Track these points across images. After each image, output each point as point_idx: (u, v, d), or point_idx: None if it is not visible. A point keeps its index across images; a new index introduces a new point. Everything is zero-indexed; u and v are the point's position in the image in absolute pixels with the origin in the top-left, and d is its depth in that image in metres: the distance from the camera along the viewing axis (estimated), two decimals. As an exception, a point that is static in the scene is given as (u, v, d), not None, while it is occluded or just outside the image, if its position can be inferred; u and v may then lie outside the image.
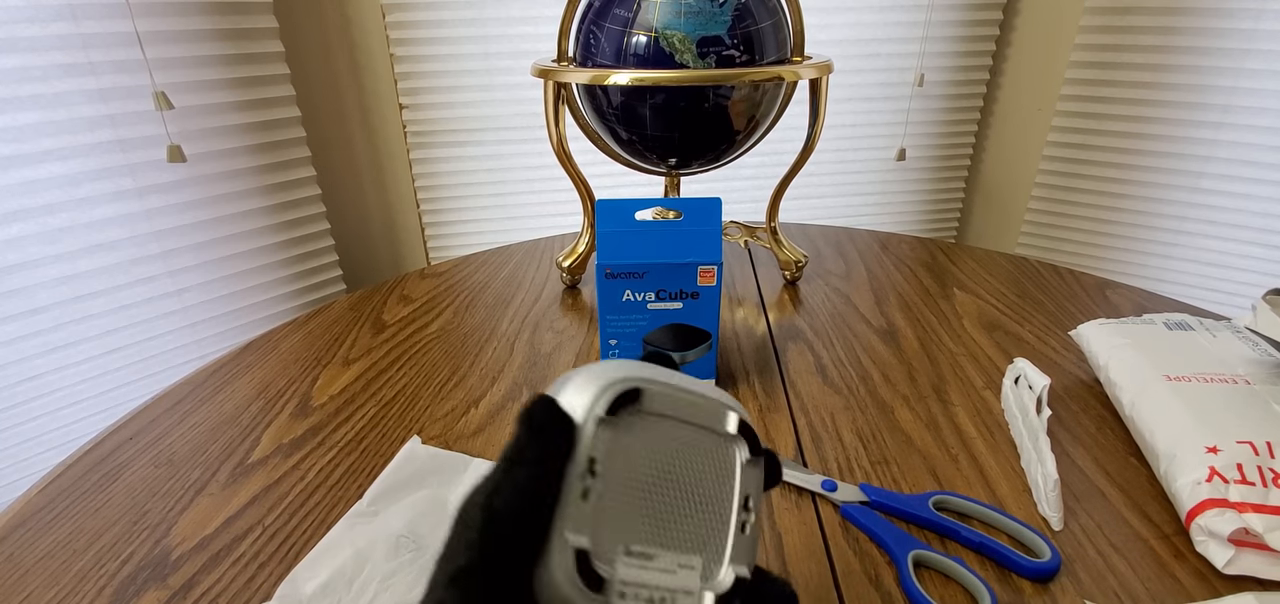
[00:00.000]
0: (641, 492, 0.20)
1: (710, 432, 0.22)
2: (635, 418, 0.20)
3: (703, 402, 0.22)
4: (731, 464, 0.23)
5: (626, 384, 0.20)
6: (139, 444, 0.46)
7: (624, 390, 0.20)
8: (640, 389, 0.21)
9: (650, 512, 0.20)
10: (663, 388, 0.21)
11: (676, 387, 0.22)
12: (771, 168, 1.19)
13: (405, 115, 1.11)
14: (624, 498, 0.20)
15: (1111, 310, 0.63)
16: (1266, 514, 0.33)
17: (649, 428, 0.21)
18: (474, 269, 0.74)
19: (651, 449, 0.21)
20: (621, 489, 0.20)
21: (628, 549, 0.19)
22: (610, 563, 0.19)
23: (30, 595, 0.35)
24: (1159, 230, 1.14)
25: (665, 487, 0.21)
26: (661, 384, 0.21)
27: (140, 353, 0.93)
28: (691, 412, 0.22)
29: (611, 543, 0.19)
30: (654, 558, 0.20)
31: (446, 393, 0.51)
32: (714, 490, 0.22)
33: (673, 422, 0.21)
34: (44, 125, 0.79)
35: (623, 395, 0.20)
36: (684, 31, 0.53)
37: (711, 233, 0.46)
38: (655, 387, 0.21)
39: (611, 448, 0.20)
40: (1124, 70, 1.09)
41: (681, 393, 0.22)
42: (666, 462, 0.21)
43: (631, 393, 0.20)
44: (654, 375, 0.21)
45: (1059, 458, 0.43)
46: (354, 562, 0.35)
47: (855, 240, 0.82)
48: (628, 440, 0.20)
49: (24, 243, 0.81)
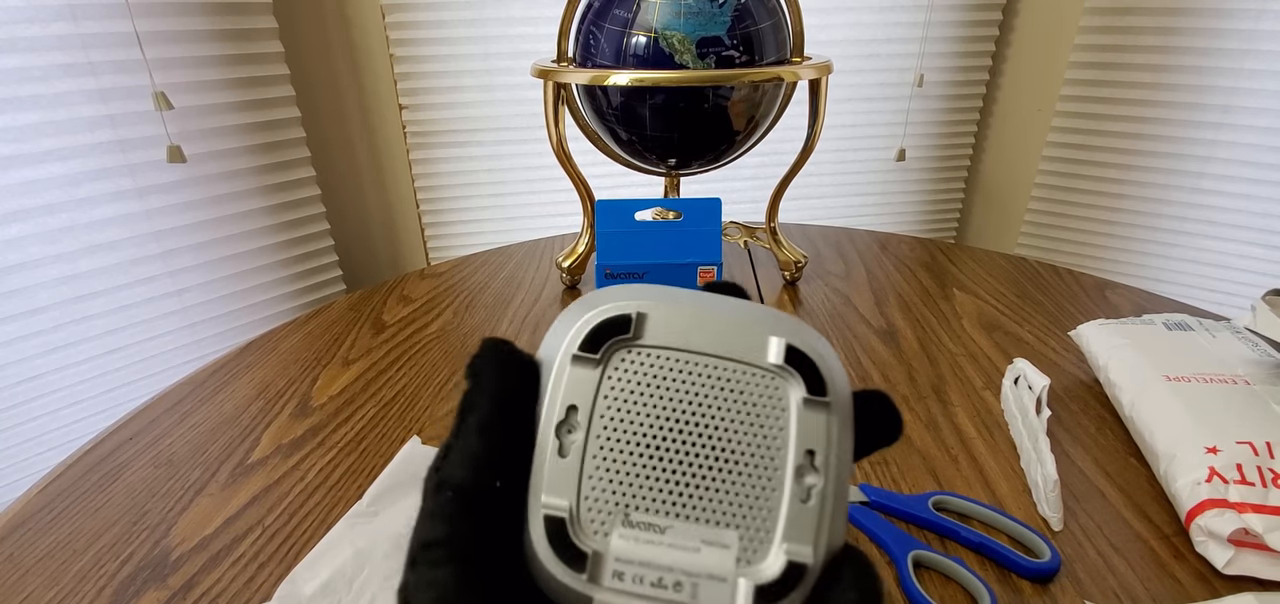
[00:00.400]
0: (647, 447, 0.16)
1: (744, 365, 0.17)
2: (631, 352, 0.17)
3: (729, 324, 0.17)
4: (782, 407, 0.17)
5: (613, 311, 0.17)
6: (139, 444, 0.46)
7: (606, 319, 0.17)
8: (631, 315, 0.17)
9: (660, 472, 0.16)
10: (670, 310, 0.17)
11: (691, 308, 0.17)
12: (771, 168, 1.19)
13: (405, 115, 1.11)
14: (622, 454, 0.16)
15: (1111, 311, 0.63)
16: (1266, 514, 0.33)
17: (652, 364, 0.17)
18: (474, 269, 0.74)
19: (658, 391, 0.17)
20: (618, 444, 0.16)
21: (627, 518, 0.16)
22: (601, 534, 0.16)
23: (30, 595, 0.35)
24: (1159, 230, 1.14)
25: (681, 440, 0.16)
26: (669, 306, 0.17)
27: (140, 353, 0.93)
28: (712, 339, 0.17)
29: (604, 510, 0.16)
30: (665, 531, 0.16)
31: (446, 393, 0.51)
32: (755, 444, 0.16)
33: (686, 354, 0.17)
34: (44, 125, 0.79)
35: (604, 324, 0.16)
36: (684, 32, 0.53)
37: (711, 233, 0.46)
38: (659, 310, 0.17)
39: (601, 392, 0.16)
40: (1124, 70, 1.09)
41: (699, 314, 0.17)
42: (682, 406, 0.17)
43: (619, 320, 0.17)
44: (662, 297, 0.17)
45: (1059, 458, 0.43)
46: (354, 562, 0.35)
47: (855, 240, 0.82)
48: (622, 381, 0.16)
49: (24, 243, 0.81)
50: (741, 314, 0.17)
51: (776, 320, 0.17)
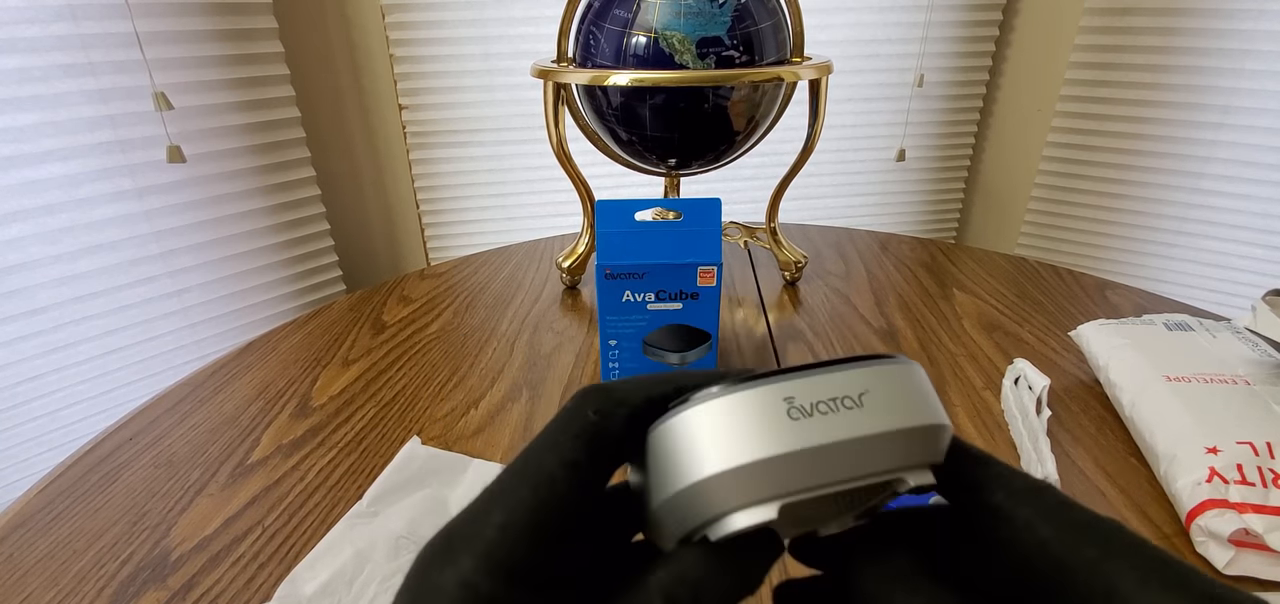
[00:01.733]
0: None
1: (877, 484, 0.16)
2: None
3: (872, 456, 0.15)
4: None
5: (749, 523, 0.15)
6: (139, 445, 0.46)
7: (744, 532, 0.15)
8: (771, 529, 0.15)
9: None
10: (812, 488, 0.15)
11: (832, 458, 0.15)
12: (771, 168, 1.19)
13: (405, 116, 1.11)
14: None
15: (1111, 311, 0.63)
16: (1266, 515, 0.33)
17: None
18: (474, 270, 0.74)
19: None
20: None
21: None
22: None
23: (30, 596, 0.35)
24: (1159, 231, 1.14)
25: None
26: (813, 480, 0.15)
27: (140, 353, 0.93)
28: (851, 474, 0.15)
29: None
30: None
31: (446, 393, 0.51)
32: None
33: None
34: (44, 126, 0.79)
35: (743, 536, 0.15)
36: (684, 32, 0.53)
37: (711, 233, 0.46)
38: (803, 489, 0.15)
39: None
40: (1124, 70, 1.09)
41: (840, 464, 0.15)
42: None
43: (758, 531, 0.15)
44: (809, 440, 0.15)
45: (1059, 459, 0.43)
46: (354, 562, 0.35)
47: (855, 241, 0.82)
48: None
49: (24, 243, 0.81)
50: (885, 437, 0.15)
51: (925, 435, 0.16)
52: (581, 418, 0.16)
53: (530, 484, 0.15)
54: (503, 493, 0.15)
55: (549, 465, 0.15)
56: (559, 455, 0.15)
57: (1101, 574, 0.15)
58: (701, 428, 0.15)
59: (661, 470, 0.16)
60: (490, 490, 0.15)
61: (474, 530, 0.14)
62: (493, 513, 0.14)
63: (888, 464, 0.15)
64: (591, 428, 0.16)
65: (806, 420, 0.15)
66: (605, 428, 0.16)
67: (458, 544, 0.14)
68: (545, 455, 0.15)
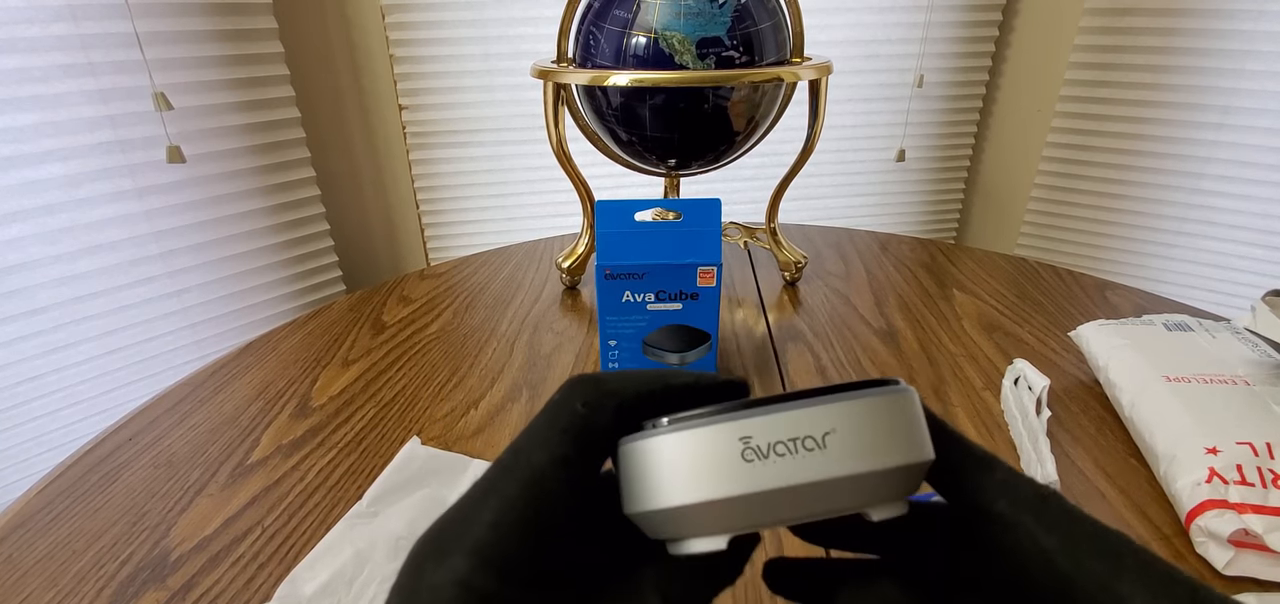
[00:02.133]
0: None
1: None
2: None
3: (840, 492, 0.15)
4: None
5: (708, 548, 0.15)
6: (138, 445, 0.46)
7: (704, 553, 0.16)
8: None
9: None
10: (782, 510, 0.15)
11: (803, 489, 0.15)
12: (771, 168, 1.19)
13: (405, 116, 1.11)
14: None
15: (1111, 311, 0.63)
16: (1266, 515, 0.33)
17: None
18: (474, 270, 0.74)
19: None
20: None
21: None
22: None
23: (30, 596, 0.35)
24: (1159, 231, 1.14)
25: None
26: (783, 505, 0.15)
27: (140, 353, 0.93)
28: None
29: None
30: None
31: (446, 394, 0.51)
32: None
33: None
34: (44, 126, 0.79)
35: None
36: (684, 33, 0.53)
37: (711, 234, 0.46)
38: (773, 508, 0.15)
39: None
40: (1124, 70, 1.09)
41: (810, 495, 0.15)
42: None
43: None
44: (776, 479, 0.14)
45: (1059, 459, 0.43)
46: (354, 562, 0.35)
47: (855, 241, 0.82)
48: None
49: (24, 243, 0.81)
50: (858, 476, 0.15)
51: (900, 470, 0.15)
52: (569, 411, 0.16)
53: (520, 481, 0.15)
54: (492, 490, 0.15)
55: (538, 461, 0.15)
56: (548, 452, 0.15)
57: (1110, 592, 0.14)
58: (659, 458, 0.15)
59: (627, 484, 0.16)
60: (479, 487, 0.15)
61: (464, 529, 0.14)
62: (483, 511, 0.14)
63: (845, 504, 0.15)
64: (580, 421, 0.16)
65: (760, 463, 0.14)
66: (594, 421, 0.16)
67: (449, 543, 0.14)
68: (534, 452, 0.15)
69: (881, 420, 0.15)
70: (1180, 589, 0.14)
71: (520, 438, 0.16)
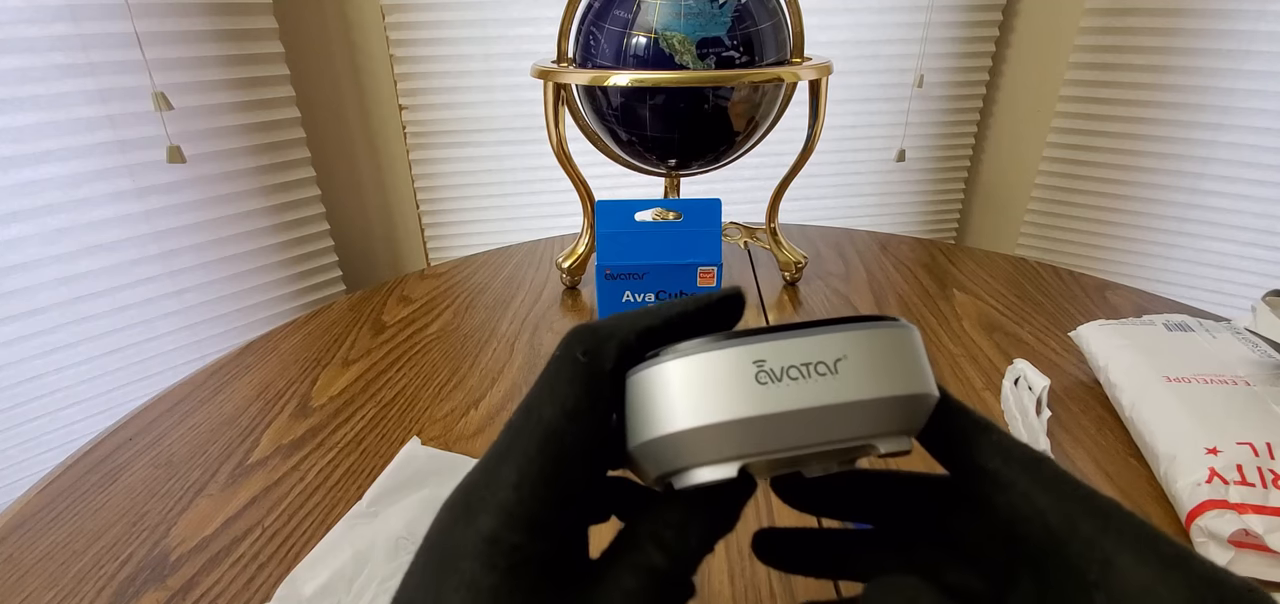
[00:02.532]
0: None
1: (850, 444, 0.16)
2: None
3: (846, 422, 0.15)
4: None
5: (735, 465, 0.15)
6: (138, 445, 0.46)
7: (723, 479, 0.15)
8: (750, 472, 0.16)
9: None
10: (787, 449, 0.15)
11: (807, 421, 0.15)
12: (771, 168, 1.19)
13: (405, 116, 1.11)
14: None
15: (1111, 311, 0.63)
16: (1266, 515, 0.33)
17: None
18: (474, 270, 0.74)
19: None
20: None
21: None
22: None
23: (29, 596, 0.35)
24: (1159, 231, 1.14)
25: None
26: (788, 442, 0.15)
27: (140, 353, 0.93)
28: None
29: None
30: None
31: (446, 394, 0.51)
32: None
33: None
34: (44, 126, 0.79)
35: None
36: (684, 33, 0.53)
37: (711, 234, 0.46)
38: (777, 450, 0.15)
39: None
40: (1124, 71, 1.09)
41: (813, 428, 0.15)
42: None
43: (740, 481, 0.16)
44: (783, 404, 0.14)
45: (1059, 459, 0.43)
46: (354, 563, 0.35)
47: (855, 241, 0.82)
48: None
49: (24, 243, 0.81)
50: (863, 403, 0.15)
51: (903, 403, 0.15)
52: (571, 361, 0.16)
53: (536, 439, 0.15)
54: (510, 448, 0.15)
55: (549, 417, 0.15)
56: (559, 405, 0.15)
57: (1098, 547, 0.15)
58: (671, 383, 0.15)
59: (634, 417, 0.16)
60: (498, 447, 0.16)
61: (489, 492, 0.15)
62: (504, 471, 0.15)
63: (857, 432, 0.15)
64: (583, 370, 0.16)
65: (774, 385, 0.14)
66: (597, 366, 0.16)
67: (475, 505, 0.15)
68: (544, 407, 0.15)
69: (892, 350, 0.15)
70: (1166, 548, 0.14)
71: (528, 397, 0.16)
